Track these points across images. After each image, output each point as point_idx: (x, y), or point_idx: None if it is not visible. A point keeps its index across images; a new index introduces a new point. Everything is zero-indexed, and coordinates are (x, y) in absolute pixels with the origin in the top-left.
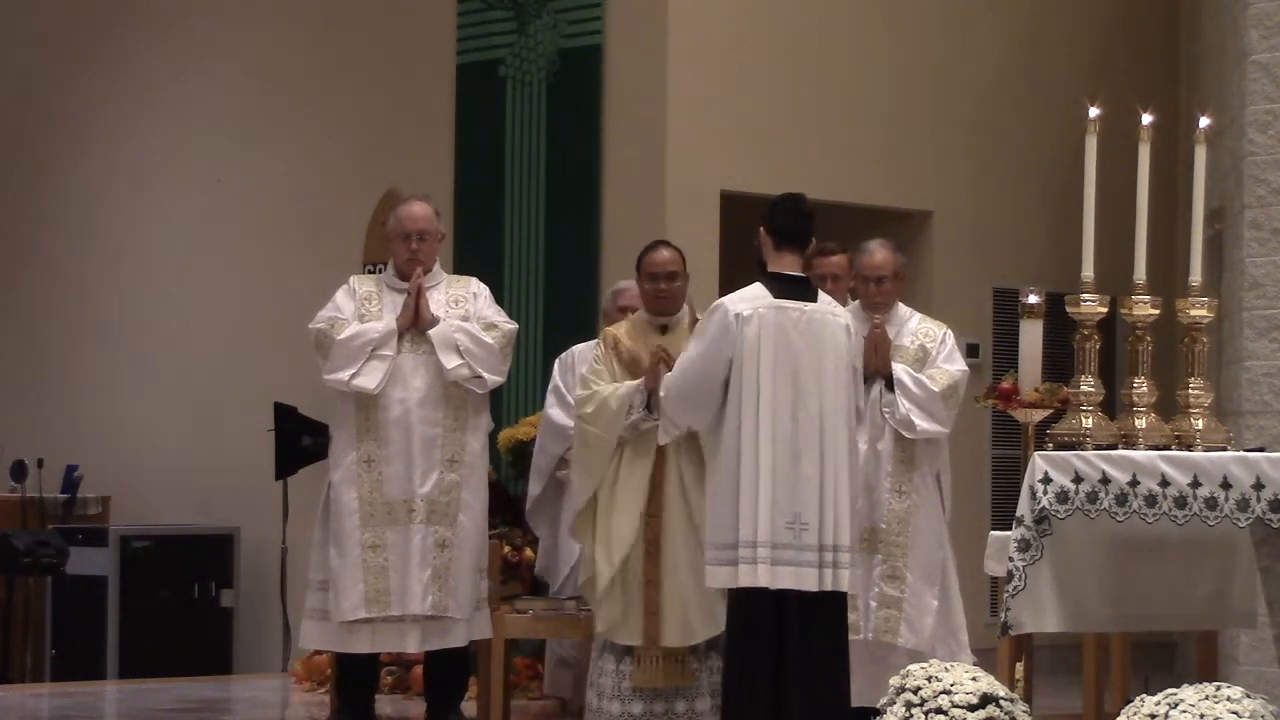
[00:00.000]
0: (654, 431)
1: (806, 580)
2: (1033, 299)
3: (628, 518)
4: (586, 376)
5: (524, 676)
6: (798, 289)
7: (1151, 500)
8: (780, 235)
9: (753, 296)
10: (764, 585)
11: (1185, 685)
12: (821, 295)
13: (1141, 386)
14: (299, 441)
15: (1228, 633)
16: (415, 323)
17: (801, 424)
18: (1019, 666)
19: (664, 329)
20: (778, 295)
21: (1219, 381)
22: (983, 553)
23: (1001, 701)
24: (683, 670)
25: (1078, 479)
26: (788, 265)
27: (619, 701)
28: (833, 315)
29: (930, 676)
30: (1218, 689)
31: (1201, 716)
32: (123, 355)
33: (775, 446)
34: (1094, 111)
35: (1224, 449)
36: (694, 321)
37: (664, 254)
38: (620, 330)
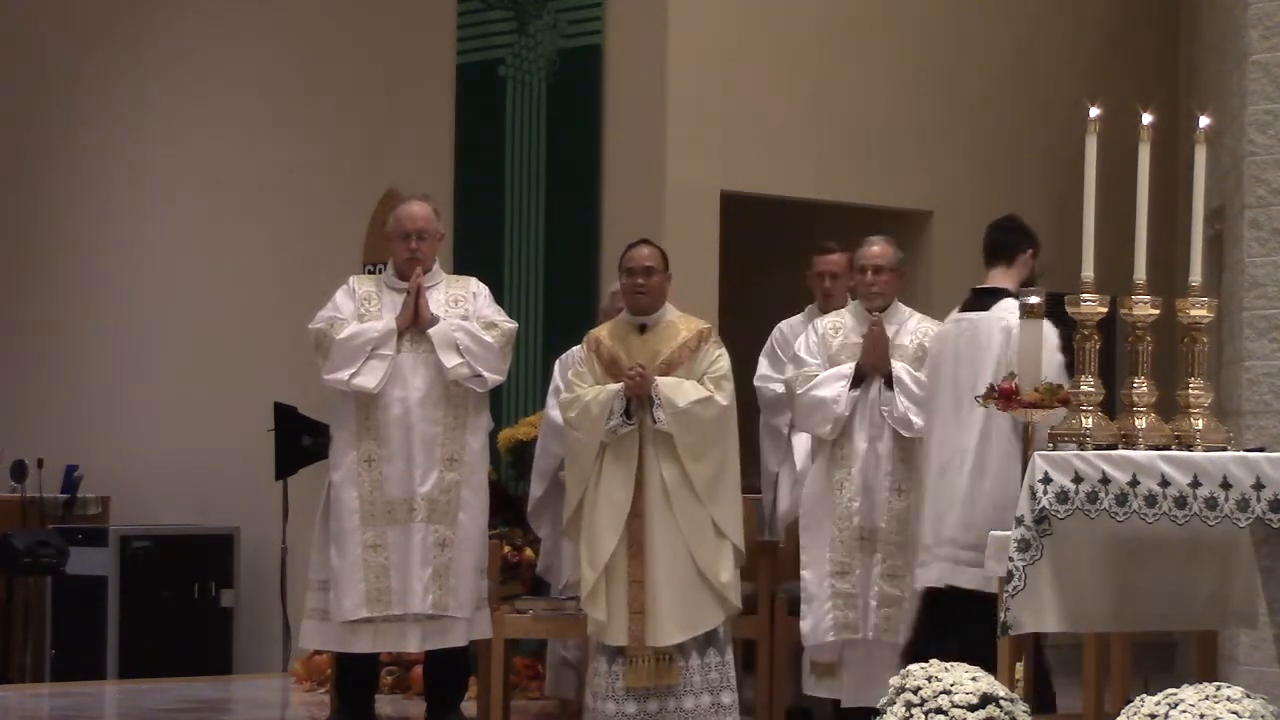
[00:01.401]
0: (635, 435)
1: (926, 577)
2: (1033, 299)
3: (609, 520)
4: (571, 379)
5: (524, 676)
6: (980, 300)
7: (1151, 500)
8: (985, 252)
9: (952, 314)
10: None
11: (1185, 685)
12: (1003, 303)
13: (1141, 386)
14: (299, 441)
15: (1228, 633)
16: (415, 322)
17: (963, 429)
18: (1019, 666)
19: (643, 328)
20: (962, 309)
21: (1219, 381)
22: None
23: (1001, 701)
24: (671, 669)
25: (1078, 479)
26: (991, 279)
27: (613, 702)
28: (999, 319)
29: (930, 676)
30: (1218, 689)
31: (1201, 716)
32: (123, 355)
33: (938, 451)
34: (1094, 111)
35: (1224, 449)
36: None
37: (642, 250)
38: (603, 331)
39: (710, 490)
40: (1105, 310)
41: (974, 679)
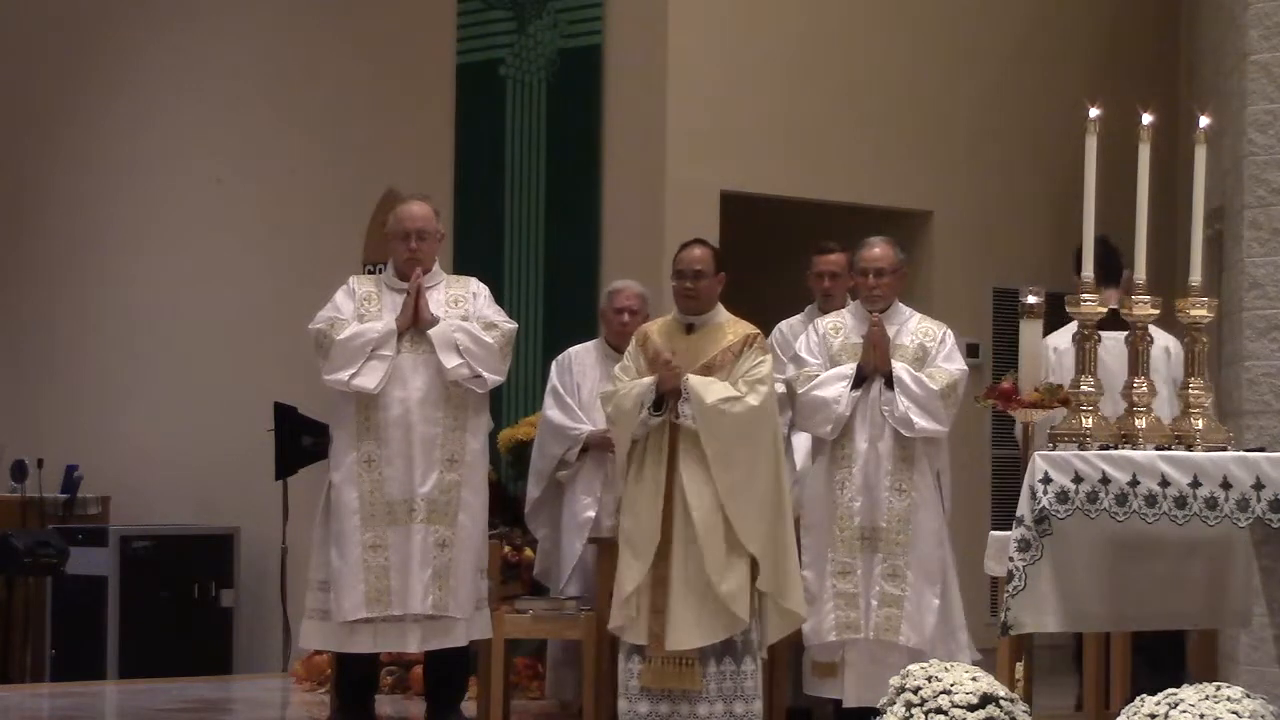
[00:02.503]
0: (668, 433)
1: None
2: (1033, 299)
3: (647, 520)
4: (615, 373)
5: (524, 676)
6: (1109, 321)
7: (1151, 500)
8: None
9: (1068, 331)
10: None
11: (1185, 685)
12: None
13: (1141, 386)
14: (299, 441)
15: (1228, 633)
16: (415, 322)
17: None
18: (1019, 666)
19: (690, 328)
20: (1098, 326)
21: (1219, 381)
22: (983, 553)
23: (1001, 701)
24: (691, 674)
25: (1078, 479)
26: (1106, 300)
27: (626, 699)
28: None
29: (930, 676)
30: (1218, 689)
31: (1201, 716)
32: (123, 355)
33: None
34: (1094, 111)
35: (1224, 449)
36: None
37: (693, 252)
38: (653, 326)
39: (731, 493)
40: (1105, 310)
41: (974, 679)
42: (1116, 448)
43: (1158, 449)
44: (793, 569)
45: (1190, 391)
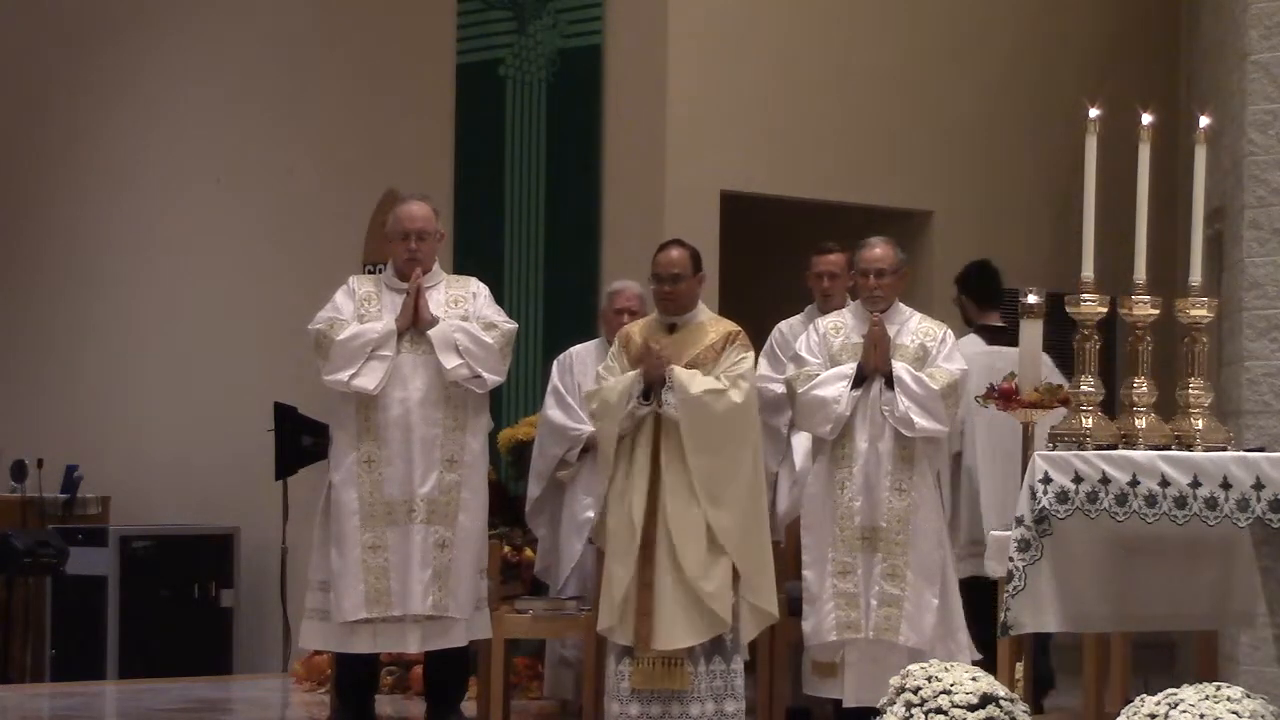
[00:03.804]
0: (653, 431)
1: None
2: (1033, 299)
3: (628, 520)
4: (599, 374)
5: (524, 676)
6: (1003, 337)
7: (1151, 500)
8: (980, 297)
9: (970, 344)
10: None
11: (1185, 685)
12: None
13: (1141, 386)
14: (299, 441)
15: (1228, 633)
16: (414, 323)
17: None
18: (1019, 666)
19: (672, 328)
20: (991, 343)
21: (1219, 381)
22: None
23: (1001, 701)
24: (680, 674)
25: (1078, 479)
26: (993, 319)
27: (617, 702)
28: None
29: (930, 676)
30: (1218, 689)
31: (1201, 716)
32: (123, 355)
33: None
34: (1094, 111)
35: (1224, 449)
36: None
37: (670, 254)
38: (635, 328)
39: (711, 490)
40: (1105, 310)
41: (974, 679)
42: (1116, 448)
43: (1157, 449)
44: (768, 569)
45: (1190, 391)
